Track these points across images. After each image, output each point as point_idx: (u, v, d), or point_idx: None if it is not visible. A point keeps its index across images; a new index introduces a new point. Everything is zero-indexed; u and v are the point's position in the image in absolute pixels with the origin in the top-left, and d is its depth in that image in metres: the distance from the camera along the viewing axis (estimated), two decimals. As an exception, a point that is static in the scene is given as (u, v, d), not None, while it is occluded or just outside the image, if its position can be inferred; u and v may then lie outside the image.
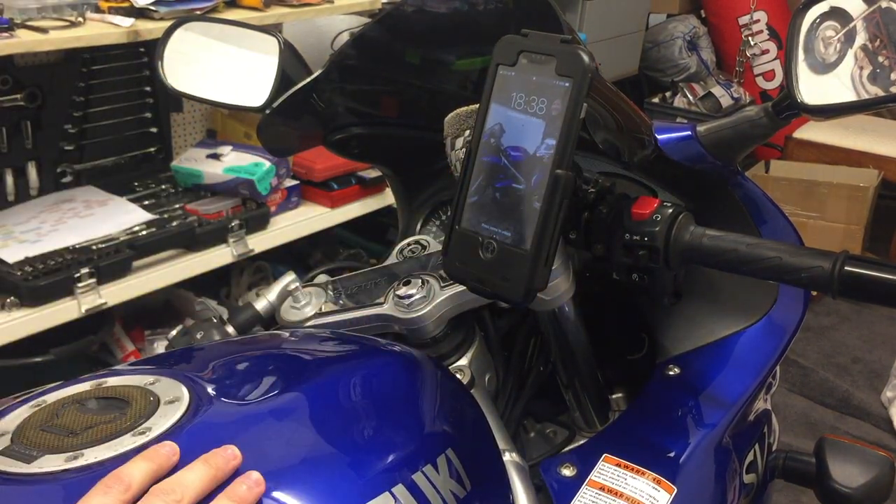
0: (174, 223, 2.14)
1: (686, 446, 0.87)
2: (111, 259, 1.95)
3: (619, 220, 0.80)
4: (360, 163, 2.32)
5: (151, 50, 2.20)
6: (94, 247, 1.97)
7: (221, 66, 1.11)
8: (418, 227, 1.18)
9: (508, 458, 0.80)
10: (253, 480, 0.58)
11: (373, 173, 2.51)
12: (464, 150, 0.79)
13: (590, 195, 0.82)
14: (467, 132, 0.80)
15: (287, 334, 0.90)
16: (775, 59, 4.40)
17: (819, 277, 0.72)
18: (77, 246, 1.96)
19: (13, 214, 2.10)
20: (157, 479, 0.56)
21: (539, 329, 0.95)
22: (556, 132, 0.67)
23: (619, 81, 4.14)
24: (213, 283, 2.44)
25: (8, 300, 1.82)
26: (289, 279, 1.01)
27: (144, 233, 2.06)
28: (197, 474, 0.57)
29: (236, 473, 0.58)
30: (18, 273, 1.83)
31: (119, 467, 0.56)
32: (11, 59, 2.06)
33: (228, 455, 0.59)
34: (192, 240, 2.13)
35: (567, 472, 0.83)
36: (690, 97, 4.20)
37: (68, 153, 2.25)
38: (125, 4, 2.04)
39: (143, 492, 0.55)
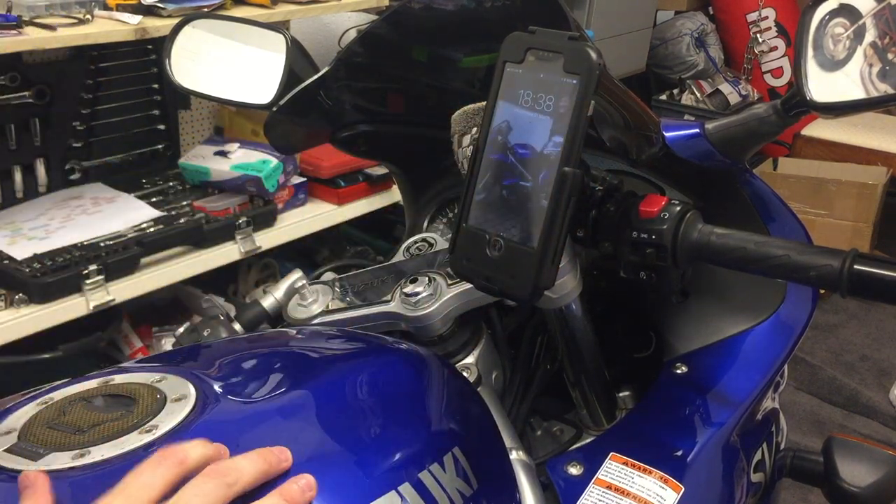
0: (182, 220, 2.14)
1: (694, 445, 0.86)
2: (119, 256, 1.95)
3: (627, 218, 0.80)
4: (368, 160, 2.32)
5: (159, 47, 2.22)
6: (102, 244, 1.98)
7: (229, 64, 1.11)
8: (425, 224, 1.18)
9: (515, 456, 0.80)
10: (306, 483, 0.56)
11: (380, 170, 2.51)
12: (471, 147, 0.79)
13: (597, 193, 0.82)
14: (474, 129, 0.80)
15: (294, 332, 0.90)
16: (783, 56, 4.38)
17: (828, 276, 0.71)
18: (85, 243, 1.96)
19: (22, 211, 2.11)
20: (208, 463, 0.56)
21: (546, 327, 0.95)
22: (564, 129, 0.67)
23: (626, 78, 4.13)
24: (220, 280, 2.45)
25: (16, 297, 1.82)
26: (296, 276, 1.01)
27: (152, 230, 2.07)
28: (252, 463, 0.56)
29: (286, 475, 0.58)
30: (27, 270, 1.84)
31: (174, 444, 0.56)
32: (20, 56, 2.06)
33: (282, 456, 0.58)
34: (200, 237, 2.13)
35: (574, 470, 0.82)
36: (698, 94, 4.19)
37: (76, 150, 2.26)
38: (133, 2, 2.04)
39: (197, 470, 0.55)
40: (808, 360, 3.01)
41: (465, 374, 0.88)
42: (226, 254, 2.19)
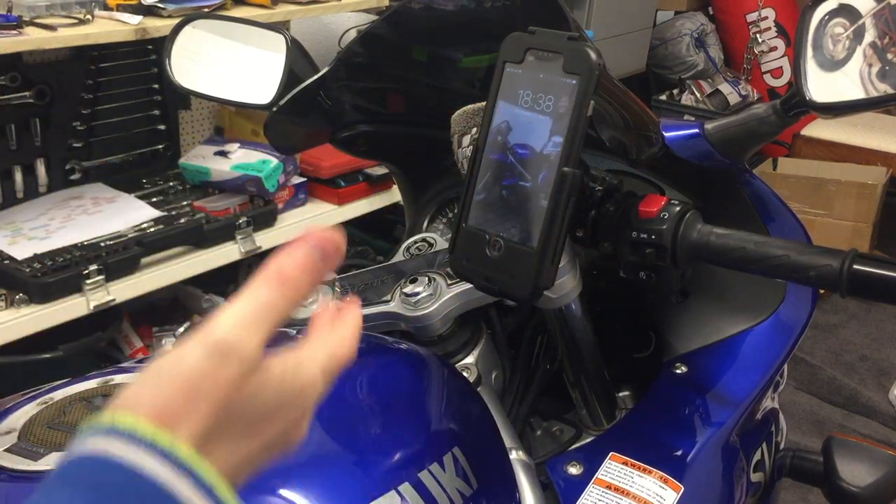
0: (182, 220, 2.14)
1: (693, 445, 0.86)
2: (119, 256, 1.96)
3: (627, 218, 0.80)
4: (368, 160, 2.32)
5: (159, 47, 2.22)
6: (102, 244, 1.98)
7: (229, 64, 1.11)
8: (425, 224, 1.18)
9: (515, 456, 0.80)
10: None
11: (380, 170, 2.51)
12: (471, 147, 0.79)
13: (597, 193, 0.82)
14: (474, 130, 0.80)
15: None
16: (783, 56, 4.38)
17: (827, 276, 0.71)
18: (85, 243, 1.96)
19: (22, 211, 2.11)
20: None
21: (546, 327, 0.95)
22: (564, 130, 0.67)
23: (626, 79, 4.13)
24: (220, 280, 2.45)
25: (17, 297, 1.83)
26: (296, 277, 1.01)
27: (152, 230, 2.07)
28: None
29: None
30: (27, 270, 1.84)
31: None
32: (20, 56, 2.06)
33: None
34: (200, 237, 2.13)
35: (574, 470, 0.82)
36: (698, 94, 4.19)
37: (77, 150, 2.26)
38: (133, 2, 2.04)
39: None
40: (808, 360, 3.01)
41: (465, 374, 0.88)
42: (226, 254, 2.19)
